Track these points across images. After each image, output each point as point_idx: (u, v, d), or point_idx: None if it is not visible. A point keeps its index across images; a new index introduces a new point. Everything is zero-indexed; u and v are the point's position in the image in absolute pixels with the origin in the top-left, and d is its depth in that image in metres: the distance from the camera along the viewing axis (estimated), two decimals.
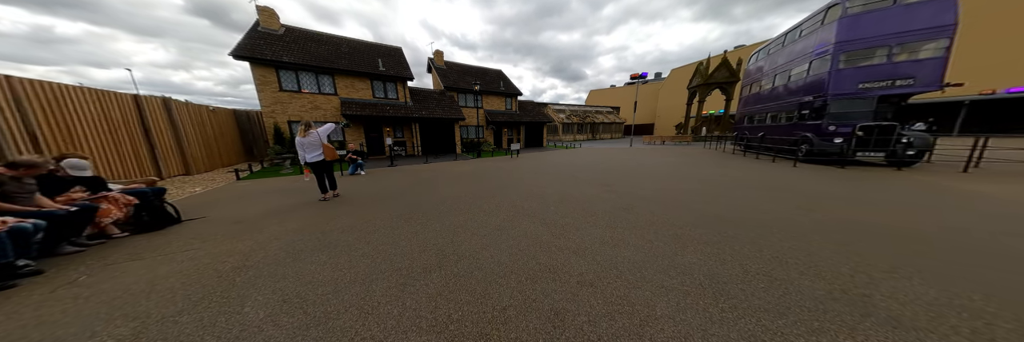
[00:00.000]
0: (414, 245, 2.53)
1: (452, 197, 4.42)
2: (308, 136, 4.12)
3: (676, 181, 5.47)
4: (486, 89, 16.45)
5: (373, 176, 6.94)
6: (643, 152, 12.89)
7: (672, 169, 7.10)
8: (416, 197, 4.48)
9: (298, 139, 4.09)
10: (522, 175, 6.61)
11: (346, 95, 12.01)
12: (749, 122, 10.97)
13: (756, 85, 10.49)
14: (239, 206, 4.13)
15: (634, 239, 2.57)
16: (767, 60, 9.96)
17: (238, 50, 9.91)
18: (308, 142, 4.12)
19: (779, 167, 6.93)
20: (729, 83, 19.71)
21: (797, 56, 8.06)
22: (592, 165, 8.29)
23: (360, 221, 3.27)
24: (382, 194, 4.75)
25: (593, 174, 6.54)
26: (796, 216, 3.18)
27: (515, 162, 9.73)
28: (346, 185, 5.68)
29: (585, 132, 31.29)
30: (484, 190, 4.92)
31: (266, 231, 2.98)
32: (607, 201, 3.99)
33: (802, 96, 7.72)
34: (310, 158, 4.19)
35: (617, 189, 4.83)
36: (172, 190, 5.46)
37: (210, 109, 8.70)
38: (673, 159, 9.23)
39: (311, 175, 4.32)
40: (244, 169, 7.88)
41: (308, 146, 4.15)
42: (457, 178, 6.35)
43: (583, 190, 4.79)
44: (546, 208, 3.67)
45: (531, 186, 5.22)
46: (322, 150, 4.26)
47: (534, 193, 4.60)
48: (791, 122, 8.25)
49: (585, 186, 5.13)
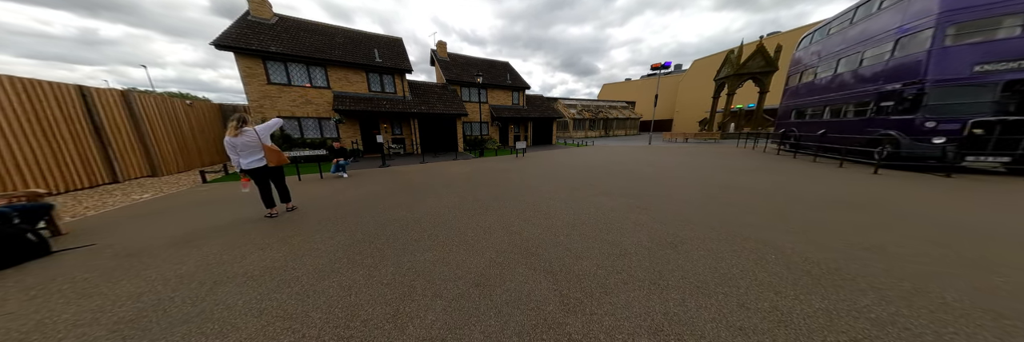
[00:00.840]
0: (336, 317, 1.53)
1: (431, 214, 3.41)
2: (241, 135, 3.15)
3: (723, 192, 4.29)
4: (491, 82, 15.31)
5: (356, 179, 6.02)
6: (666, 152, 11.55)
7: (709, 174, 5.87)
8: (387, 213, 3.49)
9: (229, 139, 3.13)
10: (526, 180, 5.54)
11: (340, 89, 11.14)
12: (798, 117, 9.37)
13: (809, 73, 8.85)
14: (158, 225, 3.24)
15: (705, 321, 1.48)
16: (825, 43, 8.31)
17: (221, 39, 9.12)
18: (242, 143, 3.16)
19: (853, 174, 5.51)
20: (764, 73, 17.48)
21: (875, 35, 6.49)
22: (610, 167, 7.12)
23: (288, 258, 2.30)
24: (348, 207, 3.79)
25: (613, 180, 5.40)
26: (944, 260, 2.01)
27: (520, 163, 8.65)
28: (315, 190, 4.77)
29: (598, 128, 29.73)
30: (476, 202, 3.89)
31: (144, 275, 2.05)
32: (641, 227, 2.88)
33: (882, 84, 6.22)
34: (247, 164, 3.24)
35: (649, 205, 3.70)
36: (114, 196, 4.68)
37: (187, 103, 7.98)
38: (706, 161, 7.92)
39: (252, 185, 3.38)
40: (218, 170, 7.13)
41: (243, 148, 3.18)
42: (450, 183, 5.35)
43: (604, 206, 3.68)
44: (554, 239, 2.60)
45: (536, 198, 4.15)
46: (263, 153, 3.31)
47: (539, 210, 3.54)
48: (864, 117, 6.72)
49: (605, 199, 4.02)
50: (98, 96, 5.40)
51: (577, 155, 10.77)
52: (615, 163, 8.01)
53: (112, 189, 5.22)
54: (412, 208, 3.71)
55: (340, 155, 6.53)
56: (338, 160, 6.49)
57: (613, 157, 9.70)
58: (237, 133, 3.16)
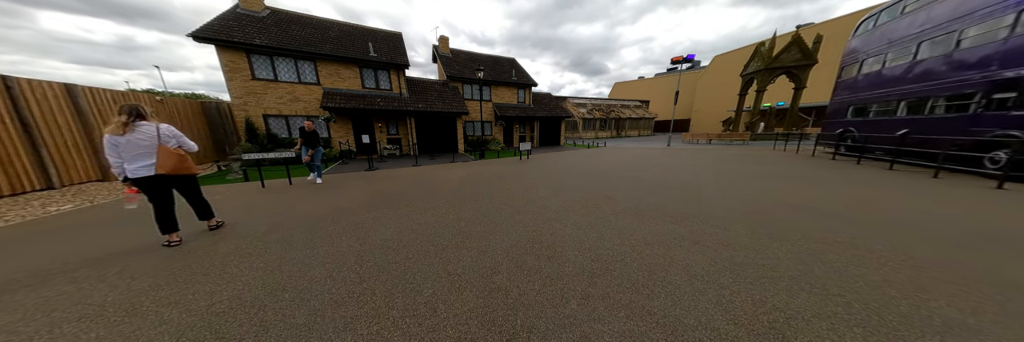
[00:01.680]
0: None
1: (386, 247, 2.40)
2: (132, 132, 2.25)
3: (794, 215, 3.14)
4: (495, 79, 14.31)
5: (328, 186, 5.10)
6: (691, 155, 10.28)
7: (761, 187, 4.68)
8: (328, 242, 2.51)
9: (110, 138, 2.21)
10: (528, 191, 4.50)
11: (330, 85, 10.34)
12: (857, 115, 7.88)
13: (872, 62, 7.41)
14: (37, 250, 2.36)
15: None
16: (897, 24, 6.85)
17: (201, 30, 8.42)
18: (129, 142, 2.25)
19: (970, 190, 4.10)
20: (801, 67, 15.68)
21: (980, 7, 5.14)
22: (629, 173, 6.00)
23: (126, 329, 1.32)
24: (285, 230, 2.83)
25: (637, 192, 4.30)
26: None
27: (523, 167, 7.60)
28: (268, 201, 3.82)
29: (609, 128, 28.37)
30: (456, 226, 2.87)
31: None
32: (701, 281, 1.81)
33: (996, 70, 4.84)
34: (132, 171, 2.31)
35: (697, 234, 2.60)
36: (30, 206, 3.86)
37: (157, 98, 7.27)
38: (746, 167, 6.66)
39: (137, 202, 2.44)
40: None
41: (129, 149, 2.27)
42: (431, 194, 4.35)
43: (633, 234, 2.61)
44: (560, 310, 1.55)
45: (537, 219, 3.10)
46: (158, 157, 2.38)
47: (540, 241, 2.48)
48: (966, 113, 5.33)
49: (633, 221, 2.94)
50: (29, 89, 4.64)
51: (588, 158, 9.64)
52: (634, 168, 6.87)
53: (39, 197, 4.44)
54: (368, 233, 2.71)
55: (312, 142, 5.40)
56: (309, 154, 5.42)
57: (630, 160, 8.53)
58: (127, 130, 2.25)
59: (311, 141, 5.41)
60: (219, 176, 6.43)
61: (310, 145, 5.44)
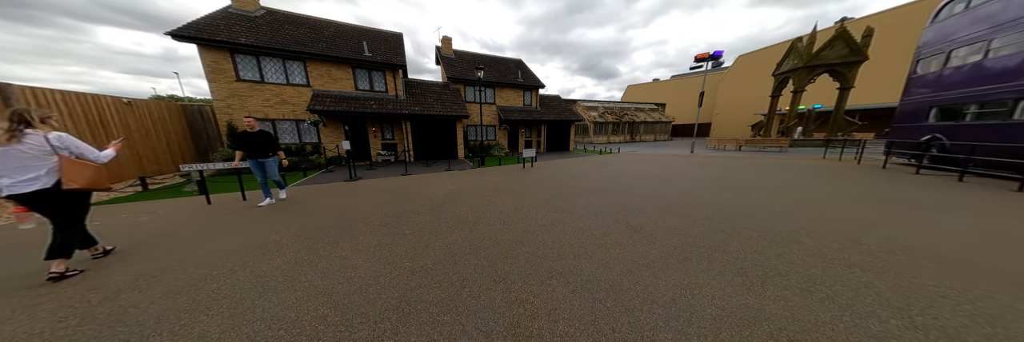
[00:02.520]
0: None
1: (293, 324, 1.38)
2: (18, 142, 1.82)
3: (947, 273, 1.96)
4: (500, 80, 13.40)
5: (286, 203, 4.18)
6: (722, 165, 8.96)
7: (854, 217, 3.45)
8: (173, 321, 1.52)
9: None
10: (524, 215, 3.43)
11: (321, 86, 9.65)
12: (945, 118, 6.39)
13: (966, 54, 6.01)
14: None
15: None
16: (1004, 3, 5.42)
17: (181, 29, 7.88)
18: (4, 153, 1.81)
19: None
20: (848, 64, 13.82)
21: None
22: (652, 188, 4.85)
23: None
24: (145, 290, 1.87)
25: (672, 221, 3.17)
26: None
27: (525, 178, 6.55)
28: (194, 224, 2.90)
29: (622, 133, 27.00)
30: (401, 287, 1.84)
31: None
32: None
33: None
34: (8, 187, 1.84)
35: (793, 307, 1.46)
36: None
37: (125, 102, 6.66)
38: (807, 183, 5.26)
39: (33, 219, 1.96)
40: (135, 183, 5.61)
41: (11, 161, 1.82)
42: (400, 218, 3.35)
43: (686, 311, 1.50)
44: None
45: (530, 270, 2.03)
46: (63, 170, 1.94)
47: (530, 332, 1.41)
48: None
49: (676, 275, 1.83)
50: None
51: (601, 167, 8.48)
52: (658, 181, 5.69)
53: None
54: (256, 301, 1.71)
55: (260, 149, 3.81)
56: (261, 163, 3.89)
57: (652, 171, 7.34)
58: (11, 140, 1.80)
59: (258, 148, 3.82)
60: (175, 188, 5.66)
61: (256, 154, 3.84)
